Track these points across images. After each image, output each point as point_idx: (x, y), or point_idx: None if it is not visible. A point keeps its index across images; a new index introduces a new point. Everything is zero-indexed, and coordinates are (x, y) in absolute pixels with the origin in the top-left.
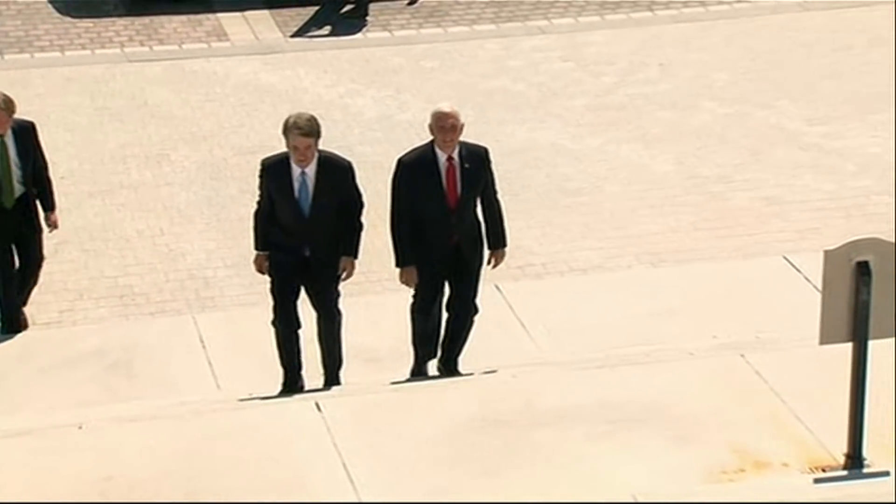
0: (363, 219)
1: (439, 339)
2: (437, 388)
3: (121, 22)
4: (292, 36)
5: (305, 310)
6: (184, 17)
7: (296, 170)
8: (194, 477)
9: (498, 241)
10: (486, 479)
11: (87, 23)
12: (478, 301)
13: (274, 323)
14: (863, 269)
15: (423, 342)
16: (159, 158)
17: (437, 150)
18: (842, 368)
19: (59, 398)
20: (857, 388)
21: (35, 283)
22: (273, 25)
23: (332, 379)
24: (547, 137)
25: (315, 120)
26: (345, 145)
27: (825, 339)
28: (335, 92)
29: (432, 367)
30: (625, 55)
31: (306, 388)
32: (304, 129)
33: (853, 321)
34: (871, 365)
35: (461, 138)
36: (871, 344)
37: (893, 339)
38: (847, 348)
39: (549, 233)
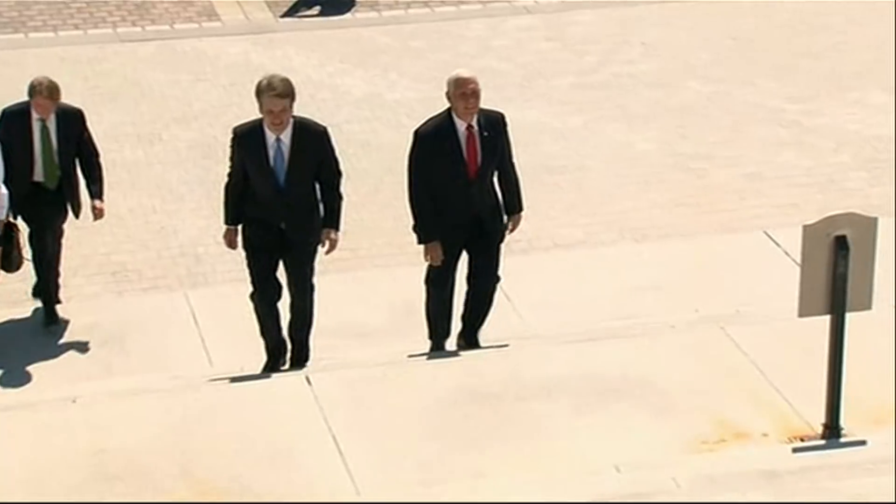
0: (342, 189)
1: (451, 314)
2: (425, 363)
3: (113, 2)
4: (282, 16)
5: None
6: None
7: (270, 136)
8: (187, 450)
9: (514, 207)
10: (473, 451)
11: (79, 3)
12: (500, 271)
13: (253, 297)
14: (840, 244)
15: (439, 317)
16: (151, 137)
17: (456, 119)
18: (820, 341)
19: (53, 373)
20: (834, 359)
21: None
22: (263, 6)
23: (300, 356)
24: (532, 116)
25: (289, 81)
26: (333, 124)
27: (804, 311)
28: (324, 71)
29: (449, 343)
30: (608, 35)
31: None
32: (278, 90)
33: (831, 294)
34: (849, 337)
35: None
36: (849, 316)
37: (870, 311)
38: (825, 321)
39: (534, 210)
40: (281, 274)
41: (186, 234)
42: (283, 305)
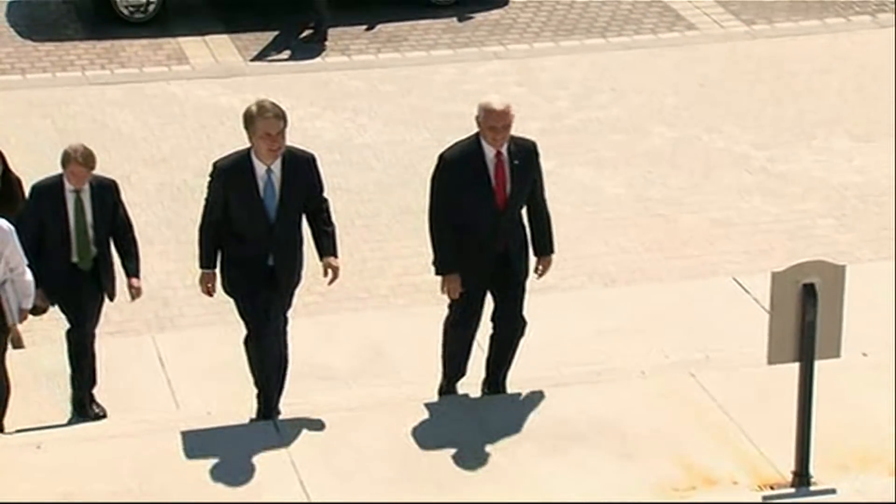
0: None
1: (469, 356)
2: (391, 408)
3: (82, 45)
4: (252, 59)
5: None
6: (144, 41)
7: (260, 168)
8: (152, 494)
9: (546, 248)
10: (439, 496)
11: (48, 46)
12: (525, 314)
13: (249, 342)
14: (809, 291)
15: (454, 359)
16: (120, 180)
17: (484, 145)
18: (789, 388)
19: (17, 418)
20: (803, 407)
21: (93, 371)
22: (233, 49)
23: (273, 399)
24: None
25: (279, 105)
26: None
27: (773, 359)
28: (294, 115)
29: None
30: (578, 80)
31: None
32: (274, 111)
33: (800, 342)
34: (818, 384)
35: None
36: (817, 364)
37: (838, 359)
38: (794, 368)
39: None
40: None
41: (155, 277)
42: None
